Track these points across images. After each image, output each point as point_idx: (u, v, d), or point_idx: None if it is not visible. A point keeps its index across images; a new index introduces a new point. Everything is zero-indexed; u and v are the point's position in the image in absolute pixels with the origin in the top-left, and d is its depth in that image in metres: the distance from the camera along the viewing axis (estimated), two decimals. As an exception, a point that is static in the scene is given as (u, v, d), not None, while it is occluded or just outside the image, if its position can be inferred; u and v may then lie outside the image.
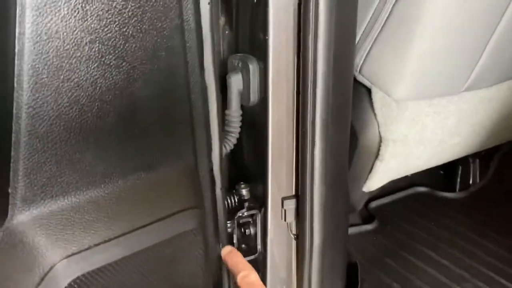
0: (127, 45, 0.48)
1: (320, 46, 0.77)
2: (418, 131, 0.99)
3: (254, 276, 0.72)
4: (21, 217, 0.46)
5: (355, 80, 0.97)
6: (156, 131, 0.55)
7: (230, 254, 0.79)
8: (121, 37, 0.47)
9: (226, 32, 0.89)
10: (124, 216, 0.52)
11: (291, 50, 0.81)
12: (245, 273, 0.69)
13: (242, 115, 0.87)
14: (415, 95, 0.93)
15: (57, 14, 0.42)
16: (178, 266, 0.60)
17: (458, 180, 1.56)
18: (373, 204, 1.48)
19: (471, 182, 1.56)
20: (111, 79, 0.48)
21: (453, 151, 1.15)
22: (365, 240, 1.32)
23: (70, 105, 0.46)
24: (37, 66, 0.42)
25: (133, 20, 0.47)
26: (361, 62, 0.94)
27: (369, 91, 0.96)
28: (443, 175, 1.59)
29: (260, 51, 0.81)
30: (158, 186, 0.55)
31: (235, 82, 0.84)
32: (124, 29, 0.47)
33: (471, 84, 0.97)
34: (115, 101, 0.49)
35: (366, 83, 0.95)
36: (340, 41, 0.78)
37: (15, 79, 0.42)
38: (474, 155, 1.53)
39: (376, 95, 0.94)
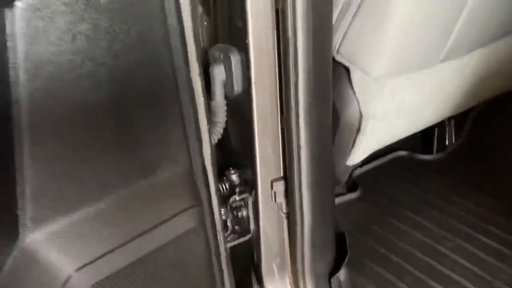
0: (116, 60, 0.49)
1: (299, 30, 0.79)
2: (397, 105, 1.03)
3: None
4: (32, 236, 0.48)
5: (334, 60, 0.99)
6: (150, 138, 0.56)
7: None
8: (110, 53, 0.48)
9: (205, 22, 0.89)
10: (129, 223, 0.54)
11: (271, 36, 0.82)
12: None
13: (226, 105, 0.88)
14: (392, 71, 0.96)
15: (47, 41, 0.43)
16: (184, 265, 0.63)
17: (435, 142, 1.62)
18: (356, 172, 1.53)
19: (447, 143, 1.62)
20: (103, 94, 0.49)
21: (429, 119, 1.20)
22: (351, 208, 1.37)
23: (66, 126, 0.47)
24: (33, 93, 0.43)
25: (120, 36, 0.48)
26: (339, 43, 0.96)
27: (348, 70, 0.98)
28: (420, 138, 1.64)
29: (240, 40, 0.82)
30: (157, 190, 0.57)
31: (218, 74, 0.85)
32: (113, 45, 0.48)
33: (446, 55, 1.00)
34: (109, 115, 0.50)
35: (345, 62, 0.98)
36: (317, 23, 0.80)
37: (14, 107, 0.43)
38: (449, 117, 1.58)
39: (355, 74, 0.97)
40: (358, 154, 1.10)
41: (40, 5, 0.42)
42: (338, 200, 1.38)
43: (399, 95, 1.01)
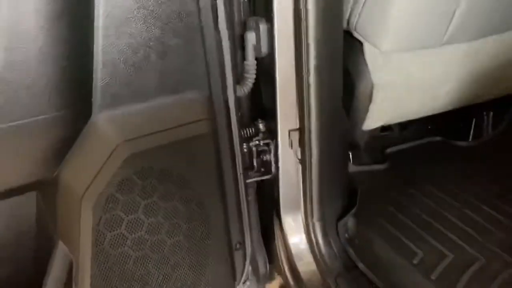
0: (163, 20, 0.78)
1: (310, 7, 1.01)
2: (405, 78, 1.20)
3: None
4: (98, 116, 0.78)
5: (352, 36, 1.20)
6: (181, 69, 0.84)
7: None
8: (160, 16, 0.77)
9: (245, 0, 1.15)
10: (165, 117, 0.83)
11: (291, 12, 1.06)
12: None
13: (257, 65, 1.13)
14: (398, 47, 1.14)
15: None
16: (196, 160, 0.90)
17: (472, 131, 1.71)
18: (389, 150, 1.68)
19: (484, 134, 1.70)
20: (152, 35, 0.78)
21: (446, 100, 1.33)
22: (375, 176, 1.53)
23: (127, 52, 0.76)
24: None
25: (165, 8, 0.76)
26: (355, 21, 1.17)
27: (362, 45, 1.18)
28: (458, 128, 1.74)
29: (268, 14, 1.07)
30: (182, 103, 0.85)
31: (250, 39, 1.10)
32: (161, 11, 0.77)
33: (450, 37, 1.15)
34: (156, 48, 0.78)
35: (360, 38, 1.18)
36: (325, 5, 1.02)
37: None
38: (488, 109, 1.67)
39: (367, 48, 1.17)
40: (371, 121, 1.29)
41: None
42: (363, 168, 1.55)
43: (406, 69, 1.19)
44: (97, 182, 0.79)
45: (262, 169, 1.27)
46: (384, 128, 1.55)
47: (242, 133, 1.14)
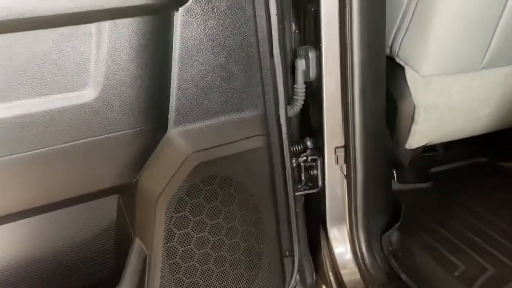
0: (228, 50, 0.93)
1: (355, 36, 1.13)
2: (446, 100, 1.29)
3: None
4: (173, 131, 0.93)
5: (394, 61, 1.30)
6: (241, 90, 0.98)
7: None
8: (225, 44, 0.92)
9: (296, 31, 1.29)
10: (228, 132, 0.97)
11: (337, 41, 1.18)
12: None
13: (306, 88, 1.26)
14: (437, 71, 1.23)
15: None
16: (252, 171, 1.02)
17: (517, 153, 1.74)
18: (433, 169, 1.74)
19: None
20: (219, 63, 0.92)
21: (487, 122, 1.39)
22: (419, 194, 1.60)
23: (197, 77, 0.91)
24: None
25: (229, 40, 0.91)
26: (397, 48, 1.27)
27: (404, 69, 1.28)
28: (503, 149, 1.77)
29: (317, 43, 1.20)
30: (242, 120, 0.98)
31: (300, 65, 1.23)
32: (226, 41, 0.92)
33: (489, 61, 1.23)
34: (221, 73, 0.93)
35: (401, 63, 1.28)
36: (370, 34, 1.13)
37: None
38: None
39: (409, 72, 1.27)
40: (414, 140, 1.37)
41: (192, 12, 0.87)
42: (407, 186, 1.62)
43: (447, 92, 1.27)
44: (170, 187, 0.93)
45: (309, 184, 1.37)
46: (428, 149, 1.62)
47: (292, 149, 1.26)
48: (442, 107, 1.30)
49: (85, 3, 0.73)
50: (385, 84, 1.23)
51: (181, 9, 0.86)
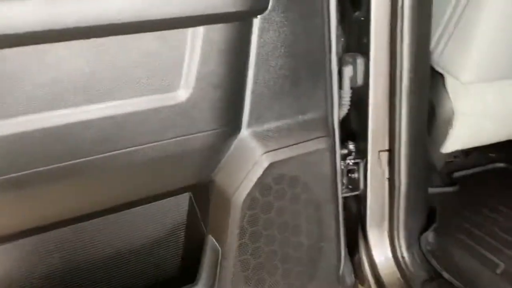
0: (298, 55, 0.98)
1: (405, 45, 1.19)
2: (483, 107, 1.36)
3: None
4: (246, 132, 0.98)
5: (434, 70, 1.37)
6: (308, 94, 1.03)
7: None
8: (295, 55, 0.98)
9: (342, 39, 1.35)
10: (295, 133, 1.01)
11: (385, 48, 1.24)
12: None
13: (351, 94, 1.31)
14: (477, 79, 1.30)
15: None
16: (315, 171, 1.07)
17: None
18: (456, 174, 1.81)
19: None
20: (290, 67, 0.98)
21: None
22: (448, 197, 1.66)
23: (269, 82, 0.96)
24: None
25: (300, 46, 0.96)
26: (438, 56, 1.34)
27: (443, 77, 1.35)
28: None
29: (363, 51, 1.26)
30: (308, 122, 1.03)
31: (347, 71, 1.29)
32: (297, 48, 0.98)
33: (524, 70, 1.31)
34: (291, 77, 0.98)
35: (441, 71, 1.35)
36: (417, 42, 1.20)
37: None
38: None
39: (448, 80, 1.33)
40: (450, 144, 1.43)
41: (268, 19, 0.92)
42: (436, 190, 1.68)
43: (484, 98, 1.34)
44: (244, 186, 0.97)
45: (350, 186, 1.42)
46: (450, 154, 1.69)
47: (339, 152, 1.31)
48: (478, 113, 1.37)
49: (187, 10, 0.78)
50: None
51: (259, 16, 0.92)
